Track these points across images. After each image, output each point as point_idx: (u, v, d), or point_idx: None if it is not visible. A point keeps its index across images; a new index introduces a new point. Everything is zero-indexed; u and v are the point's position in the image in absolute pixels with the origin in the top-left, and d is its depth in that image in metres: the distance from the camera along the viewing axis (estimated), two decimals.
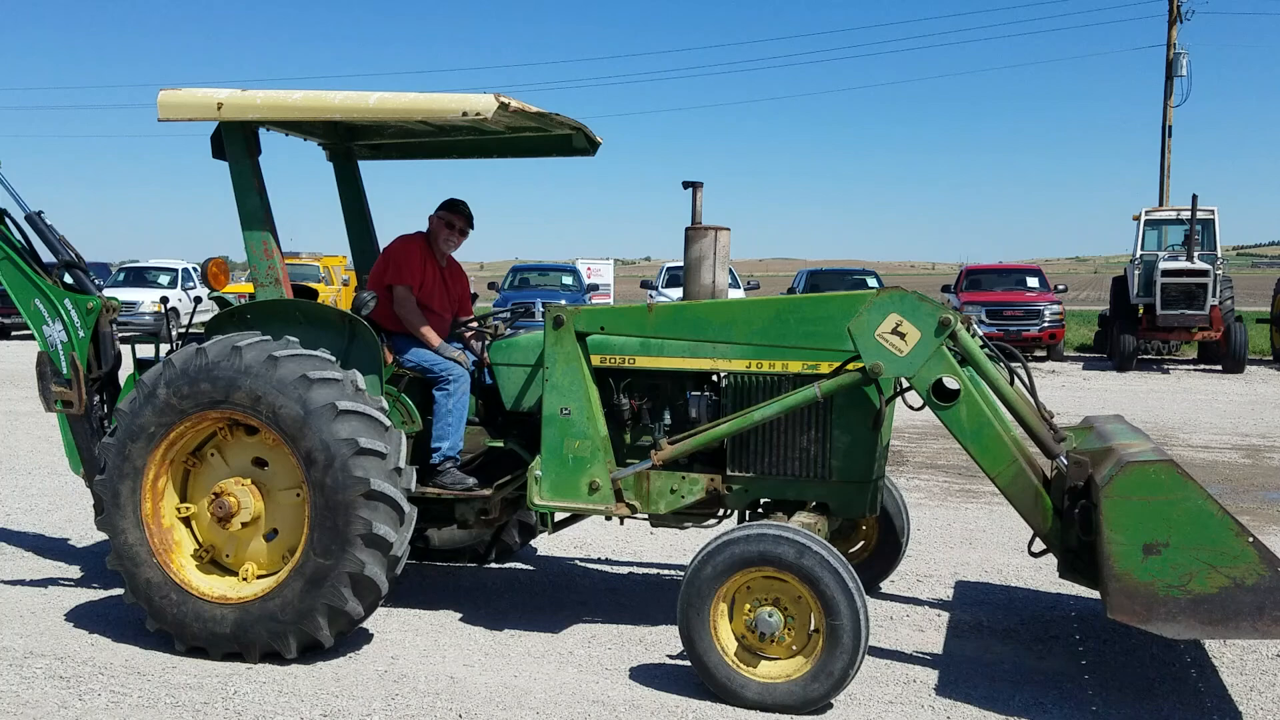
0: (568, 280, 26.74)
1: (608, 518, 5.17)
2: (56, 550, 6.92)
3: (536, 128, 5.59)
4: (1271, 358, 21.40)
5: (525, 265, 29.22)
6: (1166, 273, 19.30)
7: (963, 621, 5.57)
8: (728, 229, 5.34)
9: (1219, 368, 19.64)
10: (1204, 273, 19.17)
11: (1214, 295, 19.19)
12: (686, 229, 5.34)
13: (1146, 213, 21.87)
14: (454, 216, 5.71)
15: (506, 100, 4.82)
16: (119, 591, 5.47)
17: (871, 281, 23.39)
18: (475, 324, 5.98)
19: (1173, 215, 21.94)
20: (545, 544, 7.03)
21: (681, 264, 5.46)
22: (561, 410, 4.99)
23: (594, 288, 28.58)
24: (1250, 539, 4.00)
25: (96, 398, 5.89)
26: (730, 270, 24.46)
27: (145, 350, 5.94)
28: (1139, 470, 4.10)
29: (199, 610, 4.91)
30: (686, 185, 5.40)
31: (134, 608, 5.13)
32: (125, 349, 5.99)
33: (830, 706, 4.40)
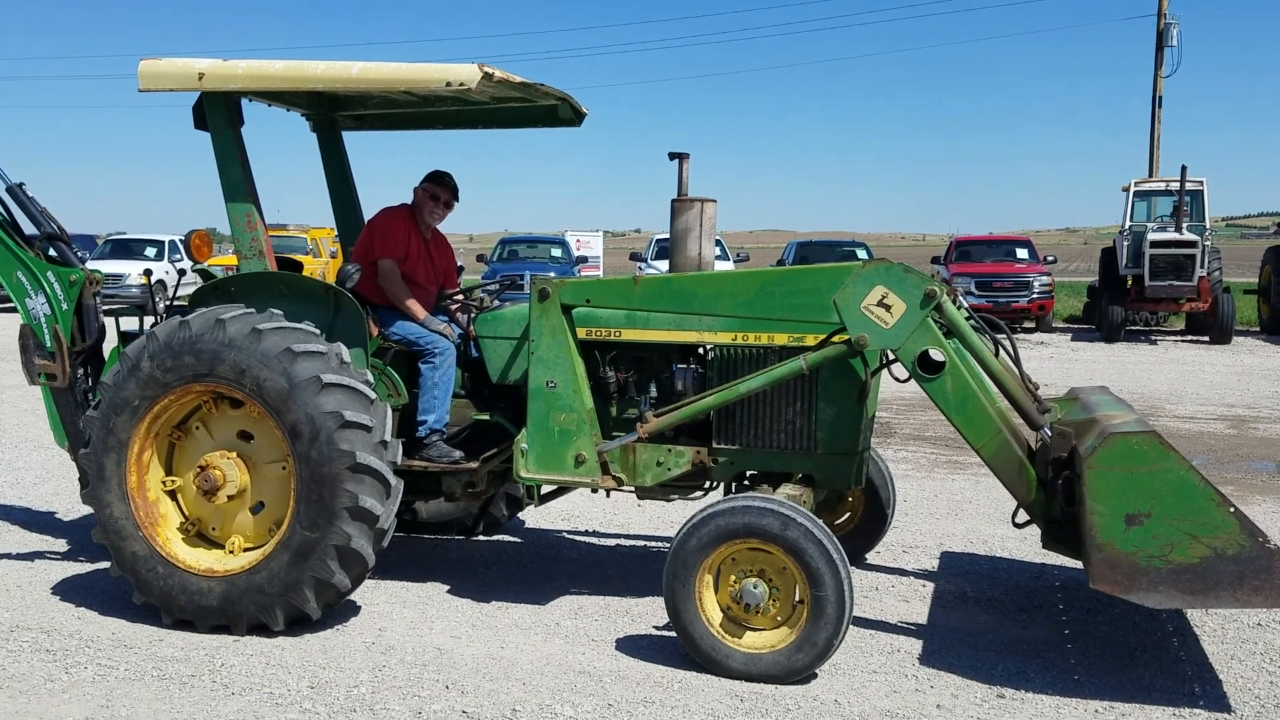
0: (556, 252, 26.66)
1: (594, 490, 5.18)
2: (42, 524, 6.91)
3: (521, 98, 5.55)
4: (1259, 329, 21.50)
5: (514, 237, 29.12)
6: (1155, 244, 19.33)
7: (947, 592, 5.61)
8: (714, 201, 5.32)
9: (1206, 339, 19.72)
10: (1192, 244, 19.20)
11: (1202, 266, 19.23)
12: (672, 201, 5.32)
13: (1136, 184, 21.86)
14: (439, 189, 5.67)
15: (490, 70, 4.78)
16: (105, 565, 5.47)
17: (861, 253, 23.38)
18: (461, 296, 5.95)
19: (1162, 186, 21.94)
20: (532, 516, 7.04)
21: (668, 235, 5.44)
22: (547, 383, 4.98)
23: (583, 260, 28.50)
24: (1231, 509, 4.03)
25: (80, 371, 5.86)
26: (719, 242, 24.46)
27: (129, 323, 5.91)
28: (1122, 441, 4.12)
29: (186, 583, 4.92)
30: (673, 156, 5.37)
31: (120, 581, 5.13)
32: (109, 321, 5.95)
33: (815, 676, 4.43)
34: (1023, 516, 4.79)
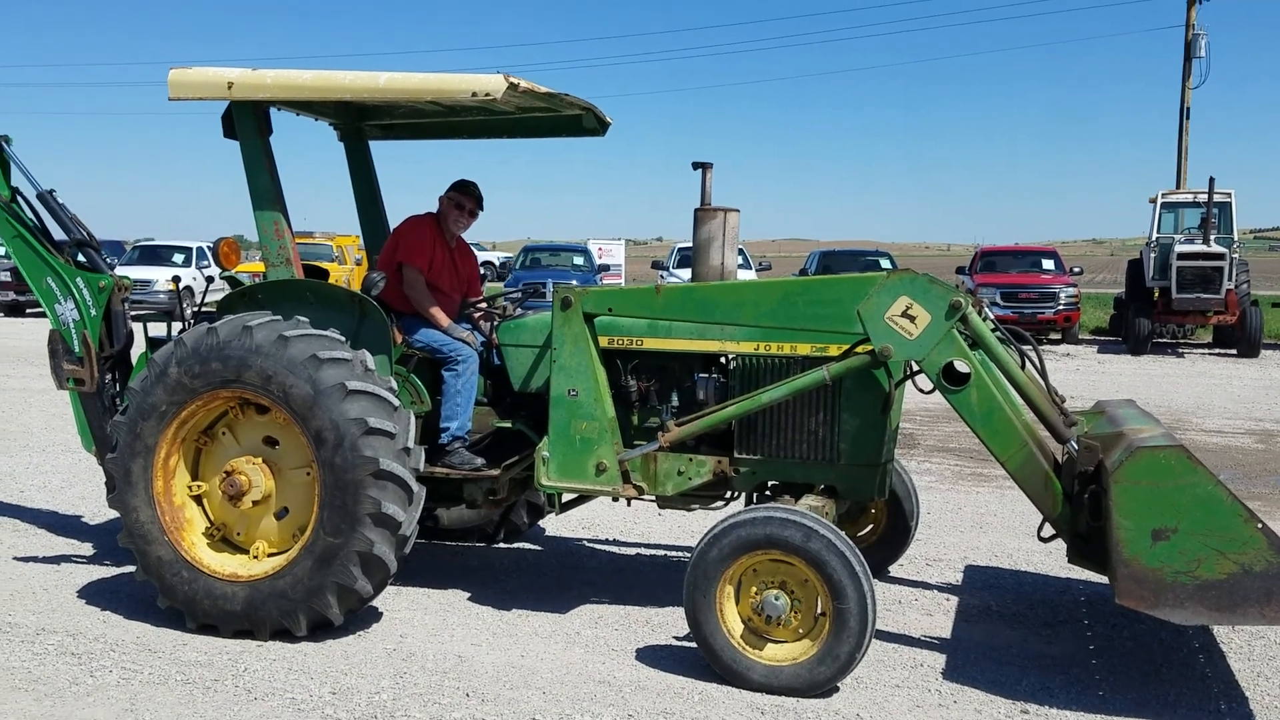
0: (579, 261, 26.71)
1: (615, 499, 5.18)
2: (69, 527, 6.98)
3: (546, 108, 5.57)
4: None
5: (536, 245, 29.21)
6: (1182, 255, 19.15)
7: (971, 606, 5.57)
8: (737, 210, 5.31)
9: (1234, 352, 19.51)
10: (1220, 256, 19.02)
11: (1230, 279, 19.04)
12: (696, 210, 5.32)
13: (1163, 195, 21.69)
14: (464, 198, 5.70)
15: (516, 81, 4.80)
16: (131, 569, 5.52)
17: (885, 263, 23.28)
18: (484, 304, 5.98)
19: (1190, 198, 21.76)
20: (553, 524, 7.05)
21: (691, 244, 5.44)
22: (569, 391, 4.99)
23: (605, 268, 28.54)
24: (1259, 525, 3.99)
25: (108, 376, 5.92)
26: (741, 251, 24.42)
27: (157, 329, 5.97)
28: (1149, 455, 4.08)
29: (210, 588, 4.95)
30: (696, 166, 5.38)
31: (145, 585, 5.17)
32: (137, 327, 6.01)
33: (836, 690, 4.41)
34: (1048, 530, 4.75)
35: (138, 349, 5.92)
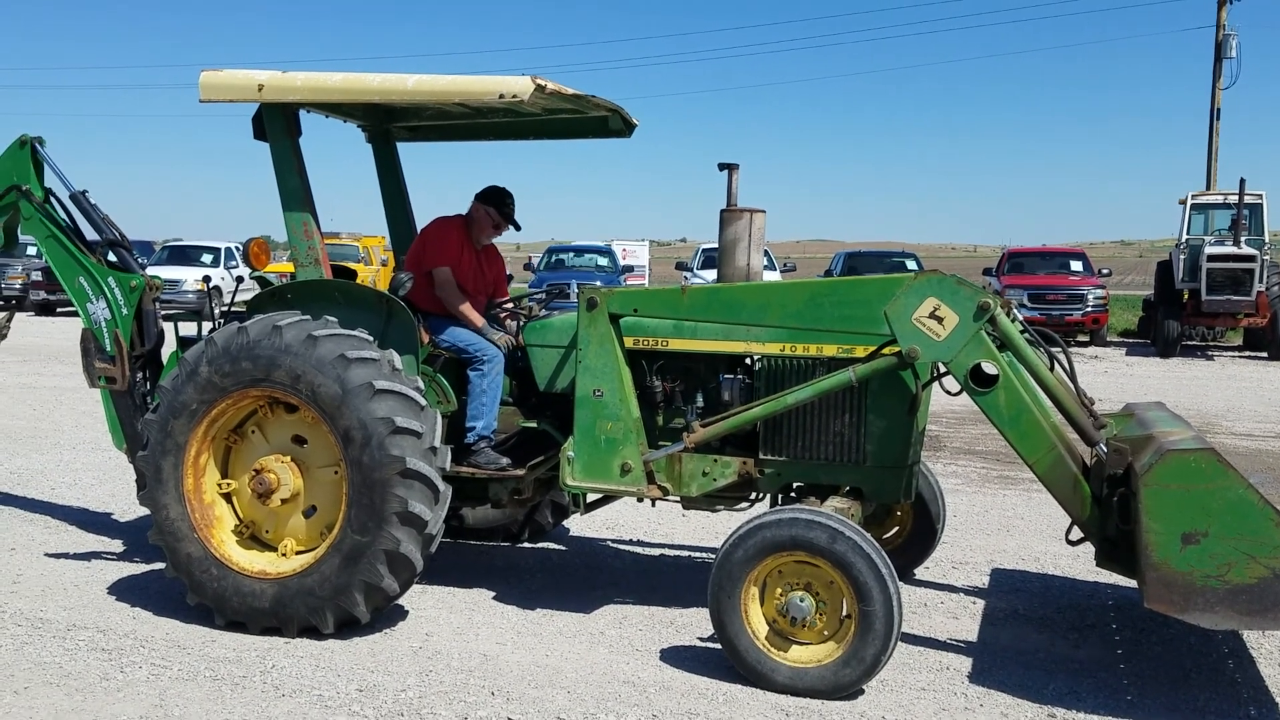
0: (603, 261, 26.74)
1: (639, 499, 5.19)
2: (99, 524, 7.06)
3: (573, 110, 5.59)
4: None
5: (561, 246, 29.26)
6: (1212, 257, 18.96)
7: (998, 609, 5.54)
8: (763, 211, 5.31)
9: (1265, 355, 19.29)
10: (1251, 258, 18.81)
11: (1261, 281, 18.83)
12: (721, 211, 5.32)
13: (1193, 196, 21.46)
14: (500, 216, 5.71)
15: (543, 82, 4.82)
16: (160, 566, 5.58)
17: (911, 264, 23.17)
18: (510, 305, 6.00)
19: (1220, 199, 21.53)
20: (577, 524, 7.06)
21: (716, 245, 5.44)
22: (594, 392, 5.00)
23: (629, 269, 28.56)
24: None
25: (139, 374, 5.99)
26: (766, 252, 24.37)
27: (187, 328, 6.03)
28: (1179, 458, 4.05)
29: (239, 585, 5.00)
30: (722, 167, 5.37)
31: (175, 582, 5.23)
32: (168, 326, 6.07)
33: (862, 692, 4.40)
34: (1076, 534, 4.71)
35: (168, 348, 5.98)
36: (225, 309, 5.99)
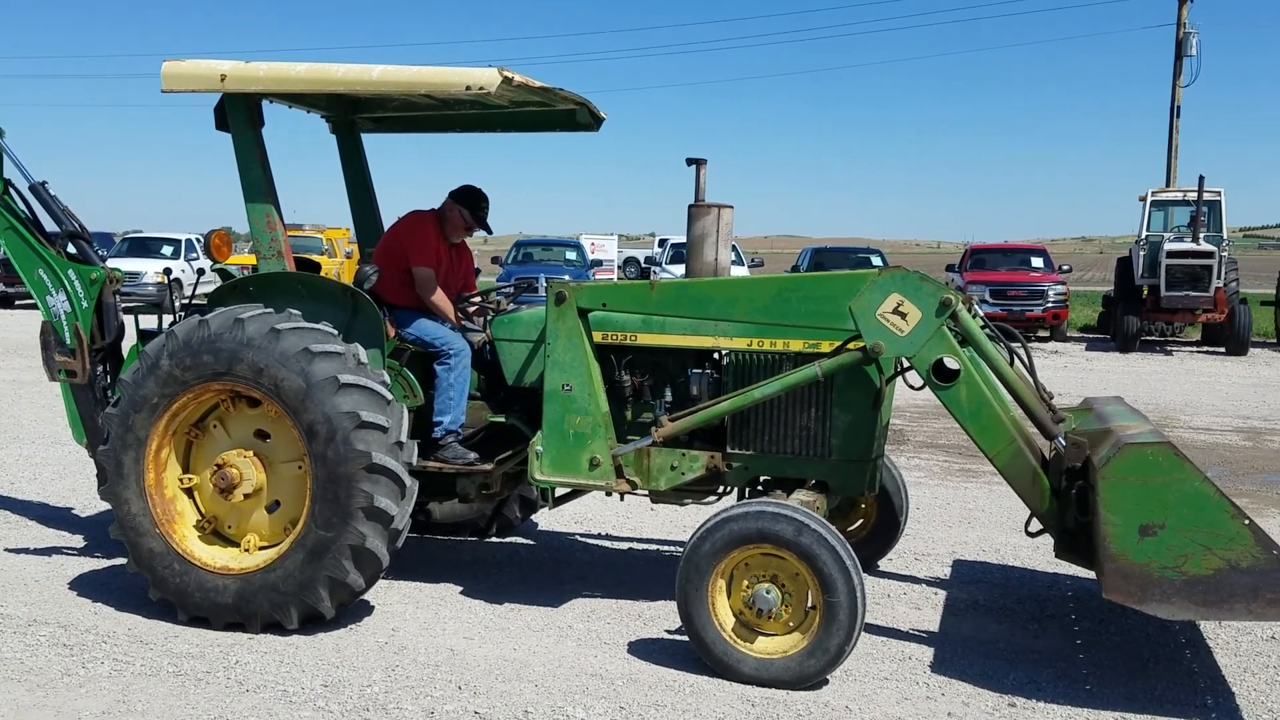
0: (571, 255, 26.71)
1: (608, 494, 5.20)
2: (60, 519, 6.97)
3: (540, 102, 5.58)
4: (1275, 340, 21.36)
5: (529, 240, 29.18)
6: (1171, 254, 19.23)
7: (959, 600, 5.61)
8: (731, 206, 5.33)
9: (1222, 350, 19.61)
10: (1209, 254, 19.10)
11: (1219, 277, 19.12)
12: (690, 206, 5.34)
13: (1153, 193, 21.77)
14: (473, 220, 5.67)
15: (510, 75, 4.81)
16: (122, 561, 5.52)
17: (876, 260, 23.32)
18: (478, 299, 5.98)
19: (1179, 196, 21.83)
20: (546, 519, 7.07)
21: (685, 240, 5.46)
22: (563, 386, 5.01)
23: (598, 263, 28.54)
24: (1246, 521, 4.02)
25: (100, 368, 5.91)
26: (734, 247, 24.43)
27: (148, 321, 5.96)
28: (1136, 452, 4.12)
29: (201, 580, 4.96)
30: (690, 162, 5.39)
31: (137, 577, 5.18)
32: (128, 319, 6.00)
33: (826, 682, 4.44)
34: (1036, 526, 4.78)
35: (129, 341, 5.91)
36: (186, 302, 5.93)
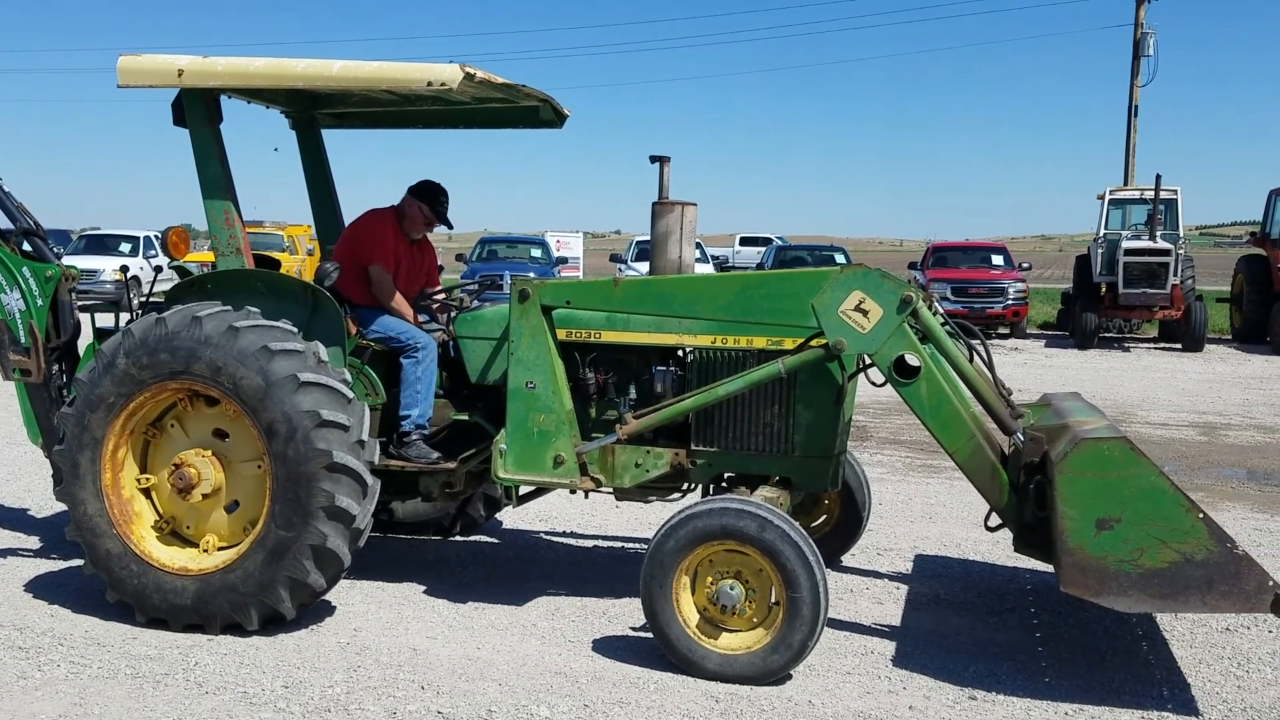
0: (536, 253, 26.64)
1: (572, 491, 5.19)
2: (15, 521, 6.85)
3: (503, 99, 5.55)
4: (1230, 337, 21.74)
5: (494, 237, 29.06)
6: (1129, 251, 19.50)
7: (921, 594, 5.66)
8: (694, 204, 5.34)
9: (1179, 346, 19.92)
10: (1166, 252, 19.39)
11: (1175, 274, 19.42)
12: (653, 204, 5.35)
13: (1111, 192, 22.07)
14: (433, 215, 5.63)
15: (472, 71, 4.78)
16: (78, 562, 5.44)
17: (840, 258, 23.48)
18: (441, 296, 5.95)
19: (1137, 195, 22.16)
20: (510, 517, 7.04)
21: (650, 238, 5.47)
22: (527, 384, 4.99)
23: (562, 260, 28.49)
24: (1200, 515, 4.09)
25: (55, 367, 5.81)
26: (699, 245, 24.45)
27: (105, 319, 5.87)
28: (1092, 447, 4.18)
29: (159, 581, 4.89)
30: (654, 159, 5.39)
31: (94, 579, 5.10)
32: (85, 318, 5.92)
33: (789, 677, 4.46)
34: (995, 520, 4.84)
35: (85, 340, 5.82)
36: (143, 300, 5.84)
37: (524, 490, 5.43)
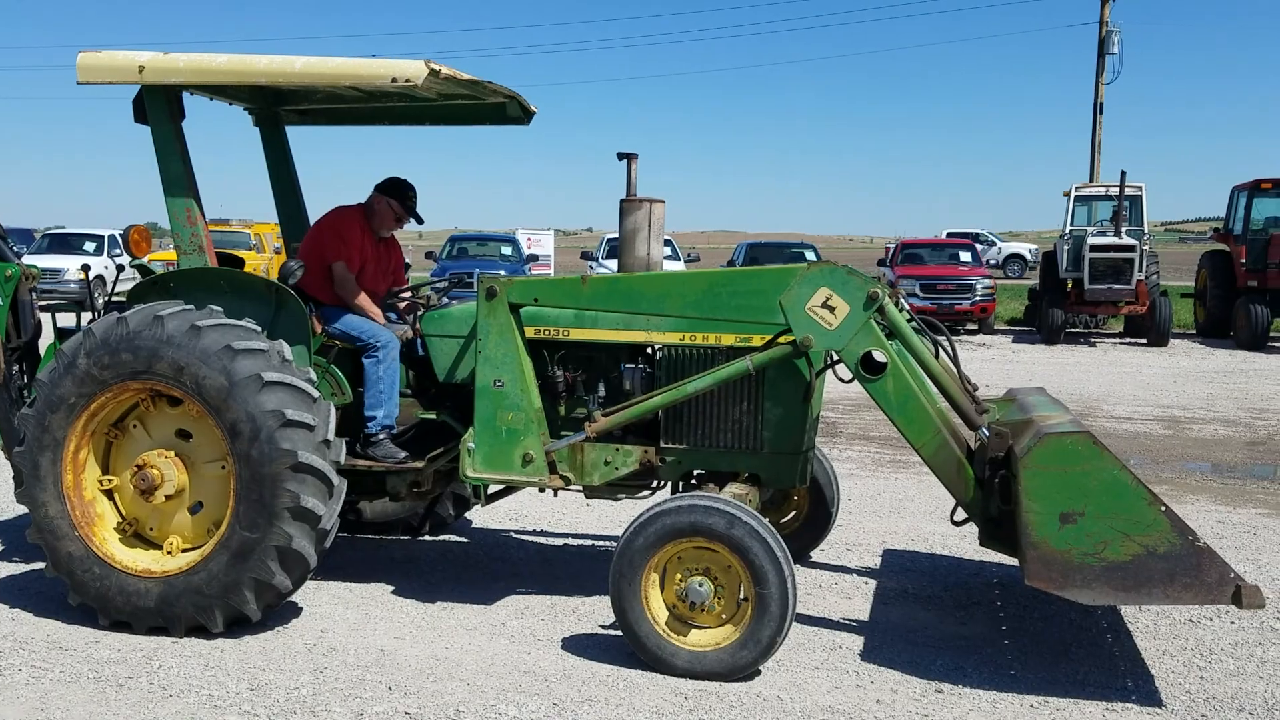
0: (507, 250, 26.53)
1: (541, 490, 5.18)
2: None
3: (469, 95, 5.52)
4: (1195, 332, 22.03)
5: (464, 235, 28.92)
6: (1095, 248, 19.71)
7: (888, 589, 5.69)
8: (662, 201, 5.34)
9: (1144, 341, 20.16)
10: (1131, 248, 19.61)
11: (1140, 270, 19.64)
12: (621, 201, 5.34)
13: (1077, 188, 22.31)
14: (402, 210, 5.61)
15: (437, 67, 4.75)
16: (40, 565, 5.36)
17: (810, 255, 23.54)
18: (408, 294, 5.91)
19: (1102, 191, 22.41)
20: (479, 516, 7.02)
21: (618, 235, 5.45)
22: (495, 382, 4.97)
23: (534, 258, 28.39)
24: (1163, 508, 4.14)
25: (16, 367, 5.73)
26: (670, 242, 24.44)
27: (66, 319, 5.80)
28: (1056, 441, 4.21)
29: (122, 584, 4.83)
30: (621, 156, 5.39)
31: (55, 581, 5.03)
32: (45, 317, 5.83)
33: (758, 673, 4.47)
34: (961, 515, 4.87)
35: (46, 340, 5.74)
36: (106, 299, 5.77)
37: (493, 489, 5.41)
